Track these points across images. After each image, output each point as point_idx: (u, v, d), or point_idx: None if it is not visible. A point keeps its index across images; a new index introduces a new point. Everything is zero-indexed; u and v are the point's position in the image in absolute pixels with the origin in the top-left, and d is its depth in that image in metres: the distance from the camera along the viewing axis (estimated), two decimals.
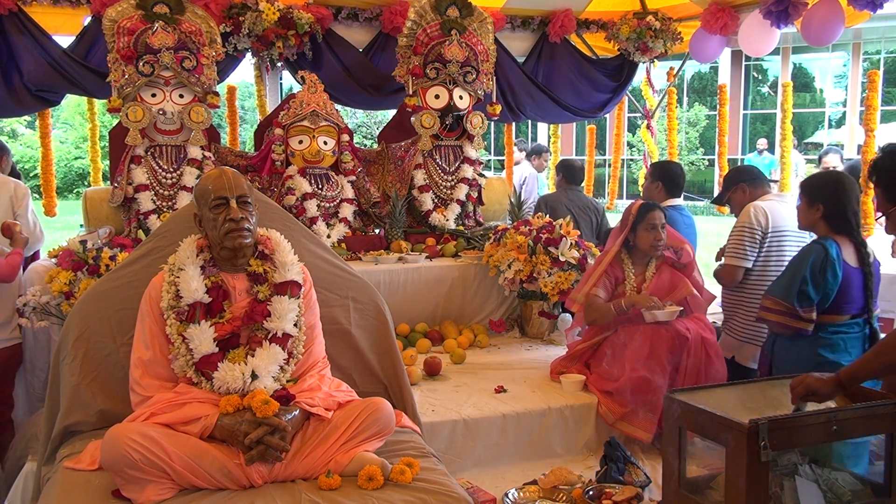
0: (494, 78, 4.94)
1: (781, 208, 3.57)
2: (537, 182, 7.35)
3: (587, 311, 3.44)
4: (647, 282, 3.43)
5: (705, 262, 4.84)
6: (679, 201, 4.32)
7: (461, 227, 4.71)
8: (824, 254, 2.82)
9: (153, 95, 4.11)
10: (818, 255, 2.83)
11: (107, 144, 4.56)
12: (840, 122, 19.56)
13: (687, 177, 4.03)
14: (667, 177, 4.32)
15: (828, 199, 2.91)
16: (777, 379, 2.71)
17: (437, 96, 4.71)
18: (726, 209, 4.70)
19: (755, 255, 3.49)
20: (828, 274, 2.80)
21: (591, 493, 2.67)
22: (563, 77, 5.88)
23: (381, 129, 5.53)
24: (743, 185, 3.75)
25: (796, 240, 3.49)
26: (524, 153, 7.76)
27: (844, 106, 18.90)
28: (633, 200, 4.28)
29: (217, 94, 4.29)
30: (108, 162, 4.64)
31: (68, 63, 4.55)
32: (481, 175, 4.95)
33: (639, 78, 6.69)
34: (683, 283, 3.39)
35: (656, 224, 3.38)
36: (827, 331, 2.87)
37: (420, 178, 4.70)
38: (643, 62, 6.12)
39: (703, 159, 19.67)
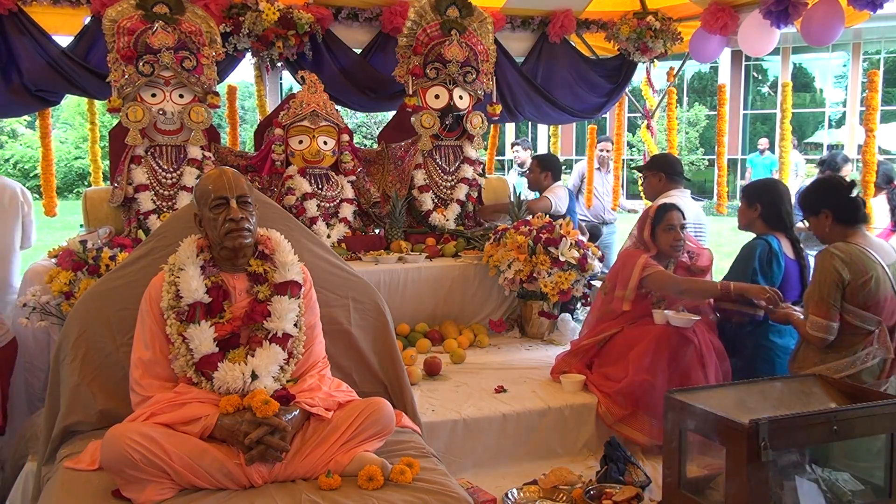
0: (494, 78, 4.94)
1: (680, 204, 3.95)
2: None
3: (665, 284, 3.27)
4: None
5: None
6: (560, 184, 5.23)
7: (461, 227, 4.71)
8: (768, 247, 3.20)
9: (153, 95, 4.11)
10: (763, 248, 3.21)
11: (107, 144, 4.56)
12: (840, 122, 19.57)
13: (687, 177, 4.33)
14: (551, 167, 5.24)
15: (764, 201, 3.32)
16: (777, 379, 2.71)
17: (437, 96, 4.71)
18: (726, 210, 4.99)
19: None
20: (773, 265, 3.18)
21: (591, 493, 2.67)
22: (561, 78, 5.87)
23: (381, 129, 5.53)
24: (661, 175, 4.21)
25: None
26: (528, 151, 7.77)
27: (844, 106, 18.90)
28: (633, 200, 4.34)
29: (217, 94, 4.29)
30: (108, 162, 4.64)
31: (68, 64, 4.55)
32: (481, 175, 4.95)
33: (639, 78, 6.68)
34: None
35: (674, 224, 3.37)
36: None
37: (420, 178, 4.71)
38: (643, 62, 6.12)
39: (703, 159, 19.67)
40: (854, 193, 2.81)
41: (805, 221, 2.97)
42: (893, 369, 2.71)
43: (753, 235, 3.37)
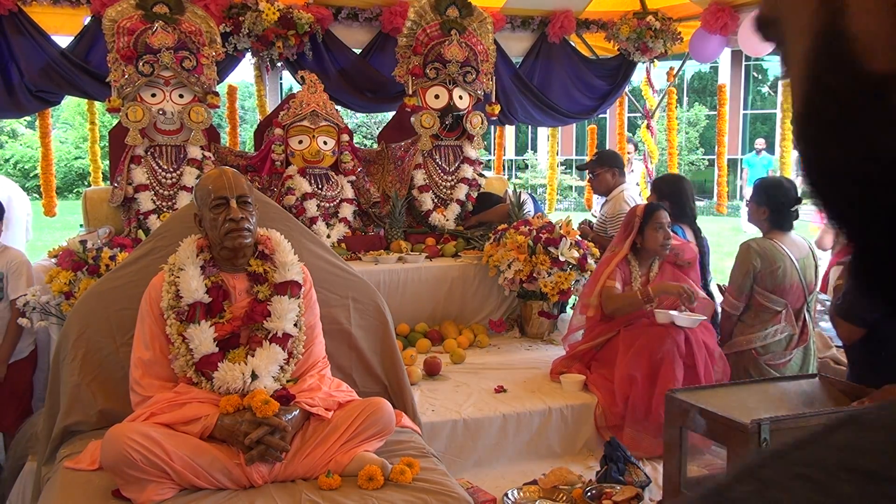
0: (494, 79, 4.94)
1: (636, 194, 4.44)
2: None
3: (607, 302, 3.36)
4: (651, 283, 3.42)
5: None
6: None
7: (461, 227, 4.71)
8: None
9: (153, 95, 4.11)
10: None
11: (107, 144, 4.56)
12: None
13: (687, 177, 4.52)
14: None
15: (673, 196, 3.80)
16: (778, 379, 2.71)
17: (436, 96, 4.71)
18: (726, 210, 5.27)
19: None
20: None
21: (591, 493, 2.67)
22: (558, 79, 5.86)
23: (381, 129, 5.53)
24: (615, 171, 4.47)
25: None
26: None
27: None
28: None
29: (217, 94, 4.29)
30: (108, 162, 4.64)
31: (66, 65, 4.55)
32: (481, 175, 4.95)
33: (639, 78, 6.68)
34: (688, 284, 3.37)
35: (663, 223, 3.37)
36: None
37: (420, 178, 4.70)
38: (643, 62, 6.12)
39: (703, 159, 19.66)
40: (795, 206, 3.31)
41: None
42: (799, 343, 3.31)
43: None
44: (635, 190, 4.55)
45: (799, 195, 3.35)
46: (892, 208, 0.28)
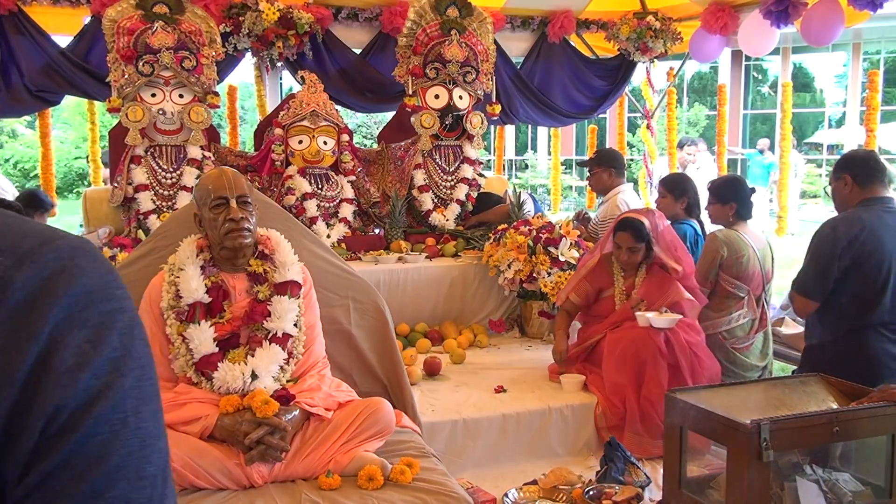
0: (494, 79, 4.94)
1: (633, 198, 4.57)
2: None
3: (558, 315, 3.61)
4: (636, 287, 3.42)
5: None
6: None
7: (461, 227, 4.71)
8: (694, 231, 3.99)
9: (153, 95, 4.11)
10: (691, 232, 3.96)
11: (107, 144, 4.56)
12: (840, 122, 19.56)
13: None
14: None
15: (688, 193, 4.05)
16: (778, 379, 2.72)
17: (436, 96, 4.71)
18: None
19: None
20: (698, 245, 3.91)
21: (591, 493, 2.66)
22: (558, 79, 5.87)
23: (381, 129, 5.53)
24: (612, 170, 4.52)
25: None
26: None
27: (844, 106, 18.90)
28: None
29: (217, 94, 4.29)
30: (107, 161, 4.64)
31: (66, 65, 4.55)
32: (481, 175, 4.95)
33: (639, 78, 6.69)
34: (675, 287, 3.36)
35: (621, 245, 3.37)
36: None
37: (420, 178, 4.70)
38: (643, 62, 6.12)
39: None
40: (752, 194, 3.65)
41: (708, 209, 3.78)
42: (759, 328, 3.55)
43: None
44: (632, 193, 4.55)
45: (752, 185, 3.75)
46: None
